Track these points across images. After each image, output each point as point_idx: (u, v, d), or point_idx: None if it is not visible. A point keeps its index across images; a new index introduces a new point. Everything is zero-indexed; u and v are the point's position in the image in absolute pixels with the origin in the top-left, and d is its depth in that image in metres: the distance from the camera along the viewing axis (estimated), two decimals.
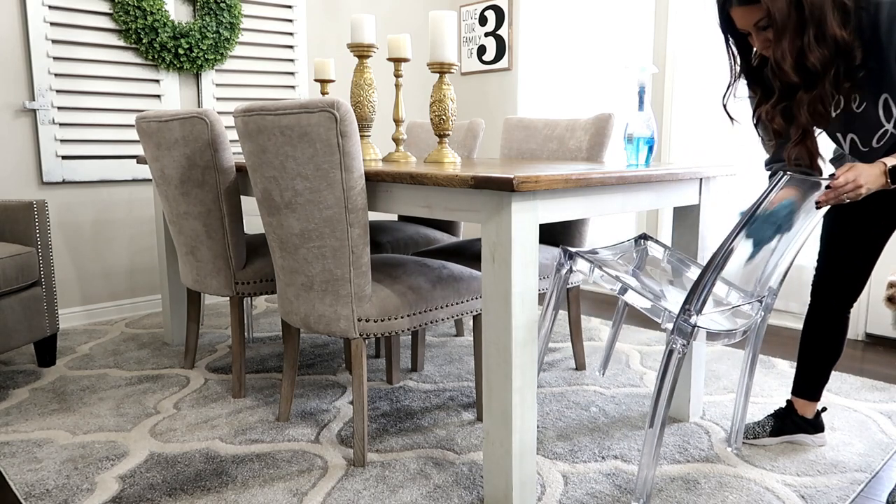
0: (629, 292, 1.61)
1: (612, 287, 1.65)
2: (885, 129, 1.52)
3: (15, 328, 2.32)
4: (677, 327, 1.49)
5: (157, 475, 1.76)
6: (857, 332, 2.92)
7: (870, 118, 1.52)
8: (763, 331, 1.80)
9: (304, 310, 1.85)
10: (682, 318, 1.49)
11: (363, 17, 2.20)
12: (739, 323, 1.61)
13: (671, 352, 1.50)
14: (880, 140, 1.54)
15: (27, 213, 2.46)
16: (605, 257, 1.83)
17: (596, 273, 1.70)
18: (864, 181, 1.45)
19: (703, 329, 1.50)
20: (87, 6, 3.05)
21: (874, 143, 1.55)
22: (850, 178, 1.45)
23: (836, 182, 1.47)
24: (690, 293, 1.48)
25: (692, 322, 1.48)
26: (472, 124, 2.96)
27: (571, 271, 1.81)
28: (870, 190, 1.46)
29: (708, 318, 1.55)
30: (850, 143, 1.60)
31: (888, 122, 1.50)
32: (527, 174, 1.38)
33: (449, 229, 3.06)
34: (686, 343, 1.49)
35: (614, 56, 3.72)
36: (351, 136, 1.62)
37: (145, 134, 2.28)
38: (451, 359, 2.66)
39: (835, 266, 1.78)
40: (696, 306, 1.47)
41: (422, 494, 1.66)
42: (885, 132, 1.52)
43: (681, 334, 1.49)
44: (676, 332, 1.50)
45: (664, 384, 1.50)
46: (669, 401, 1.51)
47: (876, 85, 1.47)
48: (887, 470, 1.78)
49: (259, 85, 3.63)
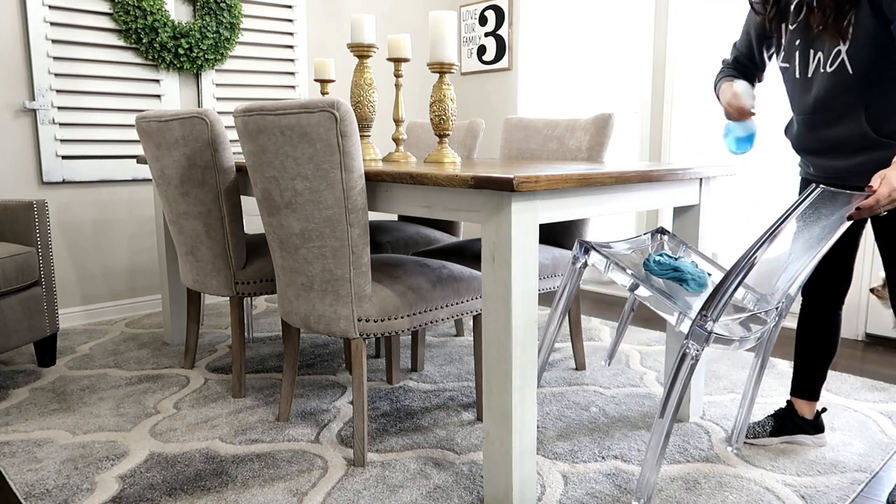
0: (640, 288, 1.58)
1: (623, 283, 1.61)
2: (838, 50, 1.52)
3: (15, 328, 2.32)
4: (693, 332, 1.46)
5: (157, 475, 1.76)
6: (857, 332, 2.92)
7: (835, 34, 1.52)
8: (775, 337, 1.79)
9: (304, 310, 1.85)
10: (699, 323, 1.45)
11: (363, 17, 2.20)
12: (755, 329, 1.57)
13: (684, 356, 1.46)
14: (832, 64, 1.55)
15: (27, 213, 2.46)
16: (620, 251, 1.79)
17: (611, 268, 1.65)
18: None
19: (718, 335, 1.46)
20: (87, 6, 3.05)
21: (827, 66, 1.56)
22: (883, 192, 1.36)
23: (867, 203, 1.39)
24: (709, 299, 1.43)
25: (708, 329, 1.44)
26: (472, 124, 2.96)
27: (586, 265, 1.77)
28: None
29: (723, 324, 1.52)
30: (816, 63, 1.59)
31: (843, 43, 1.51)
32: (527, 174, 1.38)
33: (449, 229, 3.06)
34: (700, 348, 1.45)
35: (614, 56, 3.72)
36: (351, 136, 1.62)
37: (145, 134, 2.28)
38: (451, 359, 2.66)
39: (821, 265, 1.79)
40: (714, 314, 1.43)
41: (422, 494, 1.66)
42: (837, 52, 1.53)
43: (696, 339, 1.46)
44: (692, 337, 1.46)
45: (674, 388, 1.46)
46: (678, 406, 1.48)
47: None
48: (887, 470, 1.78)
49: (259, 85, 3.63)
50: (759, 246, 1.41)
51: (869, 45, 1.49)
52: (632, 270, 1.65)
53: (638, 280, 1.61)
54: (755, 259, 1.41)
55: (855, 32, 1.50)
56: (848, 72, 1.53)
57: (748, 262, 1.41)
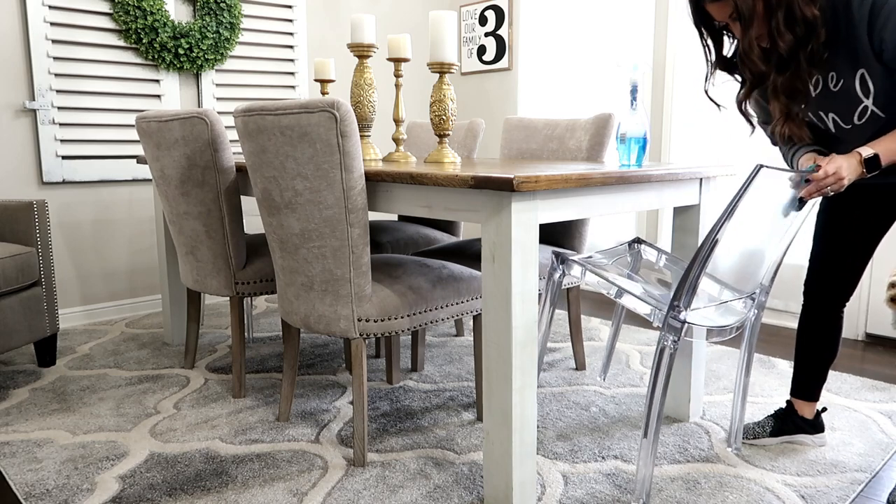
0: (625, 295, 1.62)
1: (608, 291, 1.66)
2: (865, 105, 1.52)
3: (15, 328, 2.32)
4: (667, 324, 1.51)
5: (157, 475, 1.76)
6: (857, 332, 2.92)
7: (848, 95, 1.53)
8: (757, 329, 1.80)
9: (304, 310, 1.85)
10: (672, 314, 1.50)
11: (363, 17, 2.20)
12: (732, 320, 1.62)
13: (663, 349, 1.51)
14: (861, 117, 1.55)
15: (27, 213, 2.46)
16: (599, 261, 1.84)
17: (590, 277, 1.71)
18: (846, 173, 1.49)
19: (693, 325, 1.50)
20: (87, 6, 3.05)
21: (855, 119, 1.56)
22: (830, 170, 1.49)
23: (816, 175, 1.50)
24: (678, 289, 1.49)
25: (682, 318, 1.49)
26: (472, 124, 2.96)
27: (564, 275, 1.83)
28: (850, 180, 1.50)
29: (698, 314, 1.56)
30: (833, 122, 1.61)
31: (867, 98, 1.51)
32: (527, 174, 1.38)
33: (449, 229, 3.06)
34: (677, 339, 1.50)
35: (614, 56, 3.72)
36: (351, 136, 1.62)
37: (145, 134, 2.28)
38: (451, 359, 2.66)
39: (828, 265, 1.78)
40: (685, 301, 1.48)
41: (422, 494, 1.66)
42: (864, 108, 1.53)
43: (671, 331, 1.50)
44: (666, 329, 1.51)
45: (658, 382, 1.51)
46: (664, 398, 1.51)
47: (852, 60, 1.48)
48: (887, 470, 1.78)
49: (259, 85, 3.63)
50: (718, 228, 1.44)
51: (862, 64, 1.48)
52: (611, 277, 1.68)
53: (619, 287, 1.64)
54: (716, 240, 1.43)
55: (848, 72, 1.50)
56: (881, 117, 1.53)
57: (710, 245, 1.44)
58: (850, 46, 1.46)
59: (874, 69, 1.46)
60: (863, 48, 1.44)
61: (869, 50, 1.44)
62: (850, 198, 1.72)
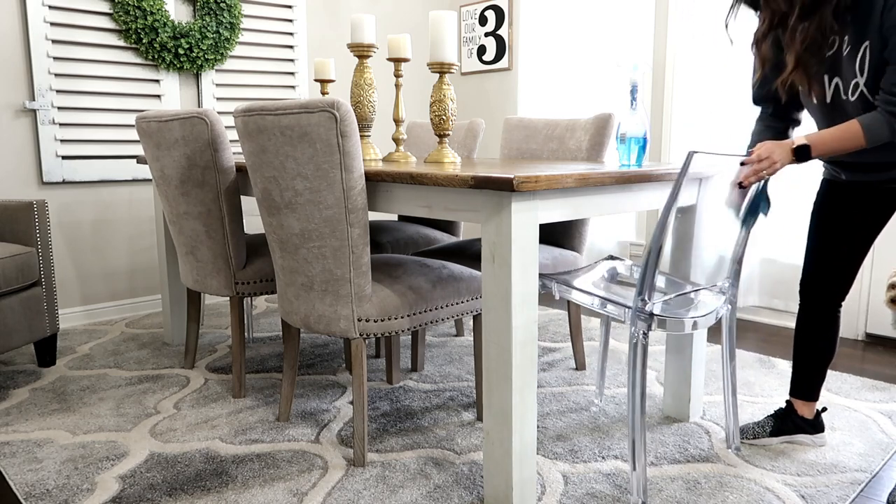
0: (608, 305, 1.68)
1: (590, 303, 1.72)
2: (857, 82, 1.56)
3: (15, 328, 2.32)
4: (634, 317, 1.56)
5: (157, 475, 1.76)
6: (857, 332, 2.92)
7: (852, 65, 1.56)
8: (734, 324, 1.83)
9: (304, 310, 1.85)
10: (638, 308, 1.55)
11: (363, 17, 2.20)
12: (703, 311, 1.67)
13: (635, 344, 1.56)
14: (853, 93, 1.58)
15: (27, 213, 2.46)
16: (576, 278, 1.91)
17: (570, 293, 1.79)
18: (778, 158, 1.56)
19: (660, 317, 1.56)
20: (87, 6, 3.05)
21: (850, 94, 1.59)
22: (763, 154, 1.57)
23: (750, 159, 1.58)
24: (640, 283, 1.54)
25: (648, 310, 1.54)
26: (472, 124, 2.96)
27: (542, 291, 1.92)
28: (783, 165, 1.56)
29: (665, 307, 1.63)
30: (834, 89, 1.62)
31: (861, 75, 1.55)
32: (527, 174, 1.38)
33: (449, 229, 3.06)
34: (646, 333, 1.55)
35: (614, 56, 3.72)
36: (351, 136, 1.62)
37: (145, 134, 2.28)
38: (451, 359, 2.66)
39: (822, 265, 1.78)
40: (646, 293, 1.54)
41: (422, 494, 1.66)
42: (856, 84, 1.56)
43: (639, 324, 1.55)
44: (635, 323, 1.56)
45: (636, 376, 1.56)
46: (643, 393, 1.56)
47: (862, 31, 1.51)
48: (887, 470, 1.78)
49: (259, 85, 3.63)
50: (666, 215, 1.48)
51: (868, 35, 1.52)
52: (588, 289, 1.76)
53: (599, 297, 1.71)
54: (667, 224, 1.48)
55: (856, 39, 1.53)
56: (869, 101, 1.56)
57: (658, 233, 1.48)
58: (865, 16, 1.50)
59: (874, 47, 1.50)
60: (873, 24, 1.48)
61: (876, 31, 1.48)
62: (842, 196, 1.73)
